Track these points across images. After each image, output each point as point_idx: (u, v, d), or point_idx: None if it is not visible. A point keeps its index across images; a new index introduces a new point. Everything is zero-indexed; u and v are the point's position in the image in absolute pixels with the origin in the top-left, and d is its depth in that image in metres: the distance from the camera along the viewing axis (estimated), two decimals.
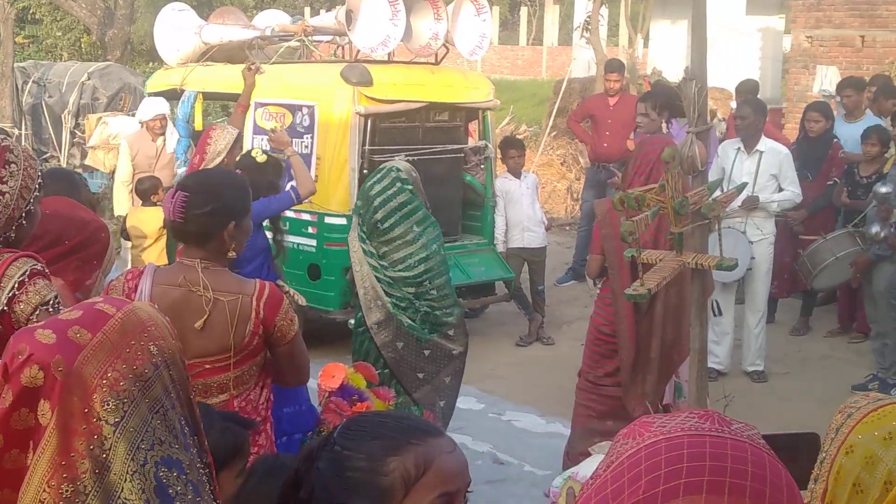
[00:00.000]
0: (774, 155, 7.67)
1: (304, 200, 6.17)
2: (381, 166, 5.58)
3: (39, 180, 3.02)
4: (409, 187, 5.39)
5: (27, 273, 2.81)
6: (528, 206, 9.02)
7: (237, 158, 6.11)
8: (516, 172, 9.08)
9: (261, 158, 6.03)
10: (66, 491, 1.68)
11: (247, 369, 3.30)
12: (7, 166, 2.91)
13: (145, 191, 8.37)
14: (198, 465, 1.86)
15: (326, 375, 4.22)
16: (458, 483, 1.66)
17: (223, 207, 3.30)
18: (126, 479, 1.72)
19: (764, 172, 7.62)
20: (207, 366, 3.23)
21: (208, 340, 3.21)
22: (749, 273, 7.68)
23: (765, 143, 7.70)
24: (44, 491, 1.68)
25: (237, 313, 3.22)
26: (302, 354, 3.45)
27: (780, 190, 7.70)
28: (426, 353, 5.55)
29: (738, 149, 7.73)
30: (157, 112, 9.25)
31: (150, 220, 8.03)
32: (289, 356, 3.37)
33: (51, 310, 2.75)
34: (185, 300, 3.23)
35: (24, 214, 2.96)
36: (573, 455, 5.65)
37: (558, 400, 7.31)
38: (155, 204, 8.11)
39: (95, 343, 1.75)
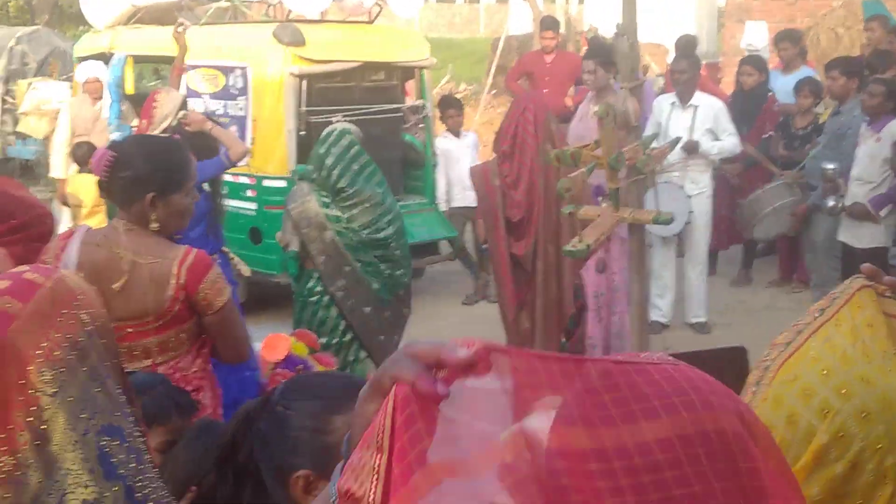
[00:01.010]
0: (709, 108, 7.72)
1: (238, 162, 6.09)
2: (328, 129, 5.55)
3: None
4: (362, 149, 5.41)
5: None
6: (469, 164, 9.00)
7: (173, 124, 6.01)
8: (455, 131, 9.05)
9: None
10: (7, 464, 1.63)
11: (173, 335, 3.22)
12: None
13: (83, 156, 8.20)
14: (135, 432, 1.84)
15: (270, 347, 4.17)
16: None
17: (144, 176, 3.20)
18: (68, 450, 1.68)
19: (700, 126, 7.67)
20: (129, 329, 3.16)
21: (129, 303, 3.15)
22: (688, 226, 7.75)
23: (699, 98, 7.74)
24: None
25: (157, 277, 3.15)
26: (234, 327, 3.33)
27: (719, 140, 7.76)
28: (387, 314, 5.57)
29: (673, 103, 7.77)
30: (91, 74, 9.12)
31: (87, 187, 7.89)
32: (218, 327, 3.26)
33: None
34: (106, 262, 3.16)
35: None
36: None
37: None
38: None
39: (27, 313, 1.70)
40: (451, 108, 9.15)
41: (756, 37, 12.03)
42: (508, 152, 5.63)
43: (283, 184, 7.88)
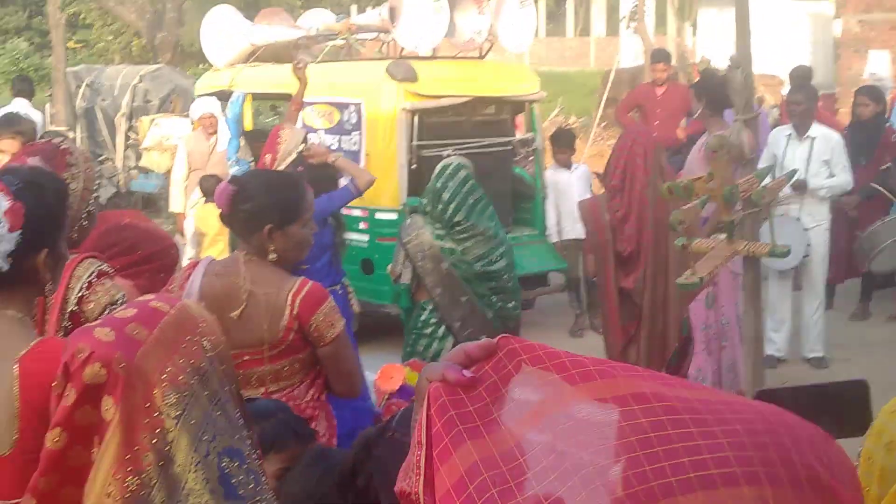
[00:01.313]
0: (826, 141, 7.58)
1: (365, 190, 6.18)
2: (443, 163, 5.61)
3: (98, 182, 3.10)
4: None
5: (94, 273, 2.86)
6: (578, 197, 8.97)
7: (294, 157, 6.14)
8: (565, 165, 9.04)
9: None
10: (132, 483, 1.70)
11: (287, 365, 3.28)
12: (68, 168, 2.99)
13: (209, 187, 8.42)
14: (253, 455, 1.90)
15: (385, 377, 4.20)
16: None
17: (262, 209, 3.29)
18: (190, 471, 1.74)
19: (816, 159, 7.52)
20: (246, 357, 3.24)
21: (245, 332, 3.22)
22: (805, 259, 7.60)
23: (816, 129, 7.61)
24: (110, 485, 1.70)
25: (272, 307, 3.22)
26: (346, 360, 3.39)
27: (832, 176, 7.60)
28: None
29: (790, 135, 7.64)
30: (205, 110, 9.41)
31: (212, 217, 8.09)
32: (331, 359, 3.32)
33: None
34: (226, 291, 3.26)
35: (85, 215, 3.04)
36: None
37: None
38: None
39: (153, 339, 1.78)
40: (557, 144, 9.09)
41: (880, 66, 11.79)
42: (619, 186, 5.63)
43: (394, 216, 8.00)
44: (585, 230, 5.96)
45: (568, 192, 8.90)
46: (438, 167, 5.57)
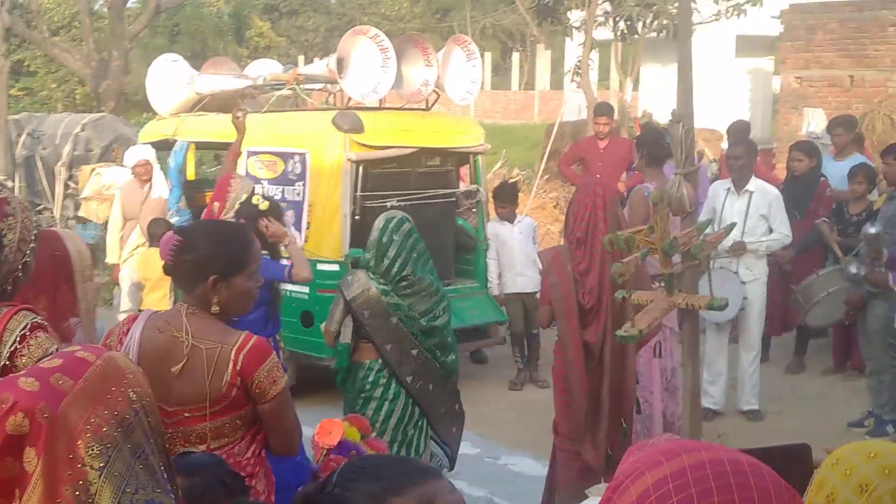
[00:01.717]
0: (764, 195, 7.71)
1: (296, 282, 6.16)
2: (386, 216, 5.54)
3: (35, 232, 3.02)
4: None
5: (27, 326, 2.81)
6: (521, 250, 9.02)
7: (237, 206, 6.11)
8: (508, 218, 9.08)
9: (263, 205, 5.94)
10: None
11: (228, 421, 3.20)
12: (5, 219, 2.91)
13: (154, 233, 8.30)
14: None
15: (323, 432, 4.14)
16: None
17: (206, 260, 3.24)
18: None
19: (754, 213, 7.66)
20: (186, 414, 3.17)
21: (186, 387, 3.16)
22: (742, 313, 7.71)
23: (754, 184, 7.75)
24: None
25: (214, 362, 3.15)
26: (287, 418, 3.31)
27: (770, 231, 7.73)
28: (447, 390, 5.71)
29: (728, 189, 7.77)
30: (140, 157, 9.34)
31: (154, 262, 7.96)
32: (271, 416, 3.25)
33: None
34: (167, 345, 3.19)
35: (20, 267, 2.97)
36: None
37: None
38: None
39: (78, 390, 1.76)
40: (499, 199, 9.09)
41: (817, 123, 12.06)
42: (582, 238, 5.52)
43: (336, 267, 7.98)
44: (547, 280, 5.72)
45: (510, 245, 8.95)
46: (381, 220, 5.52)
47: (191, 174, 9.24)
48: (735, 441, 6.42)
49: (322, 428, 4.15)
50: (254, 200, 6.01)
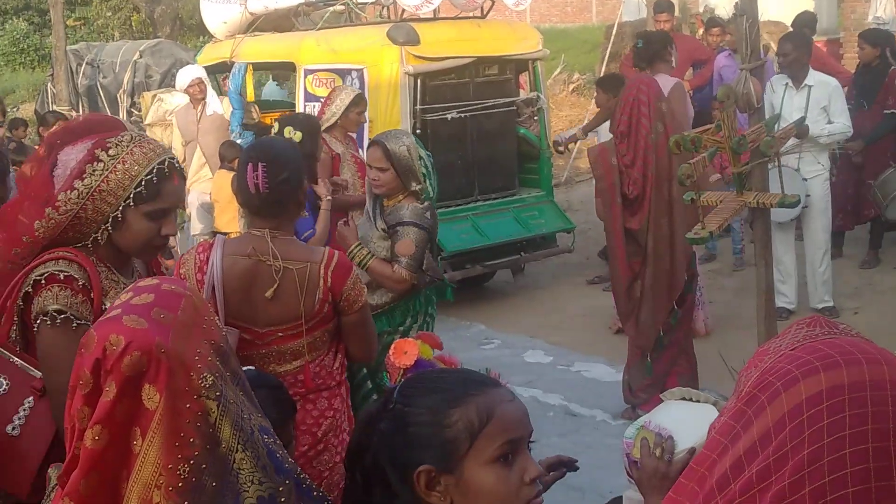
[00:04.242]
0: (823, 88, 7.51)
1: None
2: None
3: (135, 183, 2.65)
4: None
5: (45, 276, 2.56)
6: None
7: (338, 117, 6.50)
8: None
9: (296, 137, 5.57)
10: (183, 471, 1.68)
11: (319, 335, 3.31)
12: (93, 163, 2.59)
13: (228, 155, 8.23)
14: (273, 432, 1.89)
15: (399, 353, 4.15)
16: (521, 431, 1.67)
17: (298, 172, 3.33)
18: (236, 450, 1.73)
19: (814, 106, 7.46)
20: (280, 333, 3.25)
21: (280, 309, 3.23)
22: (806, 210, 7.55)
23: (813, 77, 7.54)
24: (160, 475, 1.67)
25: (306, 281, 3.22)
26: (369, 325, 3.45)
27: (830, 122, 7.54)
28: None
29: (787, 84, 7.57)
30: (192, 77, 9.23)
31: (224, 183, 7.88)
32: (355, 326, 3.37)
33: (49, 323, 2.52)
34: (255, 270, 3.24)
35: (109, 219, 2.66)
36: (636, 389, 6.10)
37: (626, 348, 7.28)
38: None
39: (180, 323, 1.75)
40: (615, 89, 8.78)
41: (885, 8, 11.66)
42: (625, 132, 5.83)
43: None
44: (595, 173, 6.18)
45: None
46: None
47: (250, 95, 9.24)
48: None
49: (397, 349, 4.17)
50: (286, 132, 5.65)
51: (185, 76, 9.40)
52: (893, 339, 6.69)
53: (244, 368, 2.28)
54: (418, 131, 8.06)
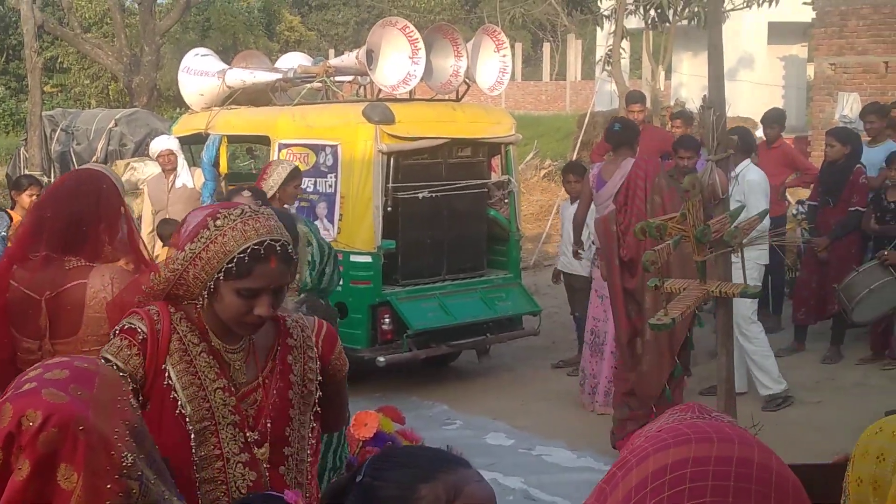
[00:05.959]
0: (743, 179, 7.68)
1: None
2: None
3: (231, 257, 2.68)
4: None
5: (122, 327, 2.64)
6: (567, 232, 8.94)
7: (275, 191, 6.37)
8: (574, 196, 8.80)
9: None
10: None
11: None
12: (200, 233, 2.61)
13: (164, 233, 8.32)
14: None
15: (359, 424, 4.16)
16: None
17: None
18: None
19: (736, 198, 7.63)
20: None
21: None
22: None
23: (742, 168, 7.69)
24: None
25: None
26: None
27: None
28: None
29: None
30: (162, 147, 9.40)
31: None
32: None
33: None
34: None
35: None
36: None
37: (588, 433, 7.26)
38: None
39: (97, 400, 1.69)
40: (571, 173, 9.00)
41: (851, 107, 11.95)
42: (622, 203, 6.80)
43: (368, 259, 8.01)
44: (598, 241, 7.22)
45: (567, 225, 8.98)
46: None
47: (223, 167, 9.29)
48: (770, 430, 6.36)
49: (357, 420, 4.17)
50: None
51: (157, 145, 9.52)
52: (854, 434, 6.70)
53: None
54: (389, 209, 8.11)
